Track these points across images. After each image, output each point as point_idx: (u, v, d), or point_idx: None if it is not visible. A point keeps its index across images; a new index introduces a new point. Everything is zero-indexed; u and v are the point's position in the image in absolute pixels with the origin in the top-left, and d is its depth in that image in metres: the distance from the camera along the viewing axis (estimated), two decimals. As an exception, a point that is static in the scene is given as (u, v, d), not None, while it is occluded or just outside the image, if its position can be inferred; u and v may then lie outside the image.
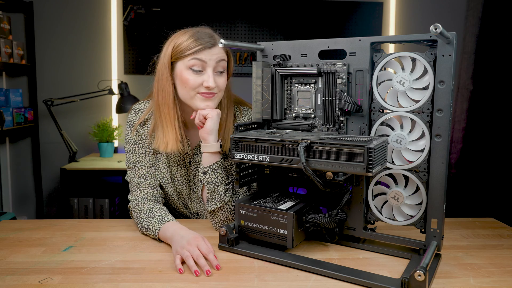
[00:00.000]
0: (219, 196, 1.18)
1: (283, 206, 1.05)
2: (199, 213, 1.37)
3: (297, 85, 1.12)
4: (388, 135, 1.02)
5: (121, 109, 2.83)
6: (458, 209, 2.95)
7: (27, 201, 3.15)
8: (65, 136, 2.84)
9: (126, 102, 2.83)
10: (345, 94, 1.04)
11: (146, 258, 1.04)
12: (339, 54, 2.44)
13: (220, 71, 1.20)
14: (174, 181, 1.31)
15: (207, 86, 1.16)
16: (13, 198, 3.06)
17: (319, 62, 1.08)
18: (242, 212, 1.09)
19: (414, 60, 0.98)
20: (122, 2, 3.08)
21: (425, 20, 3.19)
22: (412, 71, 0.99)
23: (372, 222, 1.08)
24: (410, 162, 1.00)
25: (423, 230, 1.02)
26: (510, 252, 1.10)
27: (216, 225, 1.22)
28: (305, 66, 1.09)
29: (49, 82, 3.08)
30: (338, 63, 1.05)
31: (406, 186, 1.03)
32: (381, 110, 1.03)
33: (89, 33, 3.10)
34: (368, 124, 1.04)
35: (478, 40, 3.00)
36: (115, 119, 3.18)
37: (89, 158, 2.94)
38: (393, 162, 1.02)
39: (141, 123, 1.28)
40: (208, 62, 1.17)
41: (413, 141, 1.00)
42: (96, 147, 3.14)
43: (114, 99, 3.11)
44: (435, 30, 0.83)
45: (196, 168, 1.31)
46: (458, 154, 3.13)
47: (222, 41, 1.05)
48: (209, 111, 1.18)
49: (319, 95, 1.09)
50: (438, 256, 1.03)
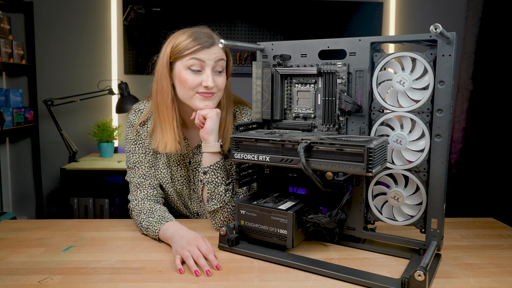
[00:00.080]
0: (219, 196, 1.18)
1: (283, 206, 1.05)
2: (199, 213, 1.37)
3: (297, 85, 1.12)
4: (388, 135, 1.02)
5: (121, 109, 2.84)
6: (458, 209, 2.95)
7: (27, 201, 3.15)
8: (65, 136, 2.84)
9: (126, 102, 2.83)
10: (345, 94, 1.04)
11: (146, 258, 1.04)
12: (339, 54, 2.44)
13: (219, 71, 1.20)
14: (174, 181, 1.31)
15: (206, 86, 1.16)
16: (13, 198, 3.06)
17: (319, 62, 1.08)
18: (242, 212, 1.09)
19: (414, 60, 0.98)
20: (122, 2, 3.08)
21: (425, 20, 3.19)
22: (412, 71, 0.99)
23: (372, 222, 1.08)
24: (410, 162, 1.00)
25: (423, 230, 1.02)
26: (510, 252, 1.10)
27: (216, 225, 1.22)
28: (305, 66, 1.09)
29: (49, 82, 3.08)
30: (338, 63, 1.05)
31: (406, 186, 1.03)
32: (381, 110, 1.03)
33: (89, 33, 3.10)
34: (368, 124, 1.04)
35: (478, 40, 3.00)
36: (115, 119, 3.18)
37: (89, 158, 2.94)
38: (393, 162, 1.02)
39: (141, 123, 1.28)
40: (206, 62, 1.17)
41: (413, 141, 1.00)
42: (96, 147, 3.14)
43: (114, 99, 3.11)
44: (435, 30, 0.83)
45: (196, 168, 1.31)
46: (458, 154, 3.13)
47: (222, 41, 1.05)
48: (208, 111, 1.18)
49: (319, 95, 1.09)
50: (438, 256, 1.03)
